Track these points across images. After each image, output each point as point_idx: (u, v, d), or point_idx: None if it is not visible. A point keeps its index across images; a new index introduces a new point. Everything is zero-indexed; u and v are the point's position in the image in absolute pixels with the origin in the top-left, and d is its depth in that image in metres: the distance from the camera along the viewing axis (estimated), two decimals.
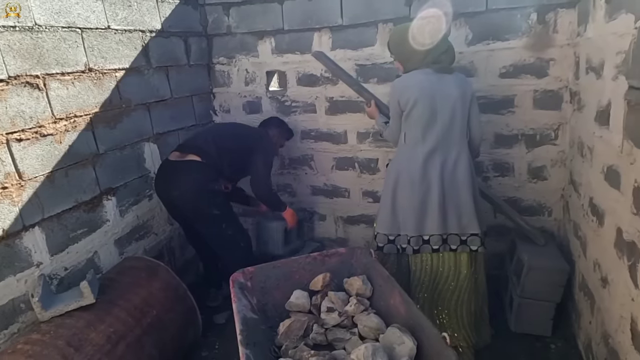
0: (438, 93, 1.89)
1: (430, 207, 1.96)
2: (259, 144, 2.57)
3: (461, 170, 1.94)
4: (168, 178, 2.36)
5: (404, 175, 1.98)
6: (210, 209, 2.37)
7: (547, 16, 2.32)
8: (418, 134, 1.93)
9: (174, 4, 2.73)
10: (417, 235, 1.99)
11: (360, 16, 2.66)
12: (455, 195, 1.95)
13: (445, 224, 1.97)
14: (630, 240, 1.41)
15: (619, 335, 1.51)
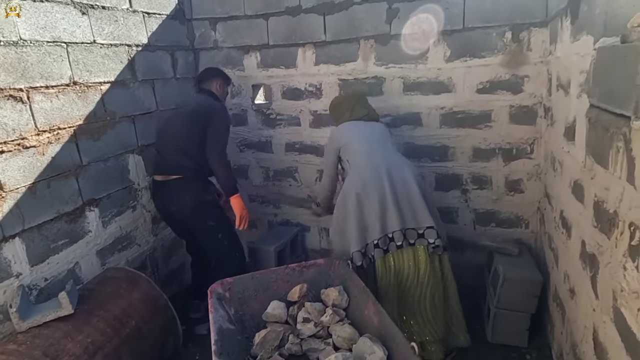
0: (367, 128, 2.33)
1: (388, 206, 2.09)
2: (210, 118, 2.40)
3: (406, 173, 2.14)
4: (164, 195, 2.46)
5: (358, 192, 2.12)
6: (206, 220, 2.45)
7: (521, 35, 2.40)
8: (361, 156, 2.20)
9: (161, 18, 2.79)
10: (383, 235, 2.09)
11: (343, 32, 2.73)
12: (406, 192, 2.11)
13: (403, 219, 2.09)
14: (591, 252, 1.46)
15: (584, 345, 1.55)
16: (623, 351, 1.13)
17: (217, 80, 2.65)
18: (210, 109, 2.46)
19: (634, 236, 1.07)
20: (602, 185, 1.35)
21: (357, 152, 2.22)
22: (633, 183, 1.08)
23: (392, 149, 2.28)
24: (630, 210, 1.10)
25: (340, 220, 2.22)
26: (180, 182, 2.39)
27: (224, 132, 2.45)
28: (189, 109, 2.48)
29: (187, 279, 3.10)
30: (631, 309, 1.08)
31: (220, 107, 2.53)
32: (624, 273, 1.13)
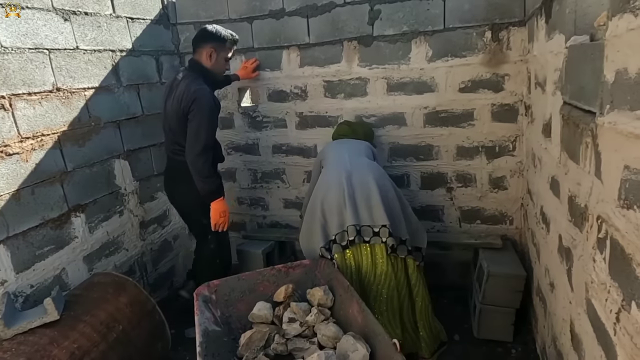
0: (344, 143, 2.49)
1: (345, 203, 2.14)
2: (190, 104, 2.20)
3: (368, 176, 2.19)
4: (169, 184, 2.55)
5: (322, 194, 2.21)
6: (200, 218, 2.43)
7: (501, 34, 2.44)
8: (331, 164, 2.32)
9: (145, 23, 2.80)
10: (340, 231, 2.12)
11: (327, 34, 2.76)
12: (364, 192, 2.15)
13: (358, 216, 2.11)
14: (567, 246, 1.49)
15: (562, 337, 1.58)
16: (595, 341, 1.16)
17: (207, 46, 2.30)
18: (191, 101, 2.19)
19: (601, 229, 1.10)
20: (575, 180, 1.38)
21: (329, 162, 2.36)
22: (600, 177, 1.11)
23: (363, 159, 2.33)
24: (598, 203, 1.13)
25: (309, 220, 2.27)
26: (183, 176, 2.34)
27: (204, 128, 2.22)
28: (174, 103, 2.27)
29: (176, 283, 3.11)
30: (600, 300, 1.11)
31: (201, 98, 2.20)
32: (594, 265, 1.16)
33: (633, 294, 0.89)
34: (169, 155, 2.51)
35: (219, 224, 2.38)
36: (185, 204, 2.49)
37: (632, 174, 0.89)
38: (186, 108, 2.21)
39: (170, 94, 2.34)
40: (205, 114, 2.21)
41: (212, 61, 2.34)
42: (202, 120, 2.20)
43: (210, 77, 2.38)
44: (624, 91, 0.93)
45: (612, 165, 1.02)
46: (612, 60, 1.00)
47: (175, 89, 2.31)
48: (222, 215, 2.37)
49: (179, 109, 2.24)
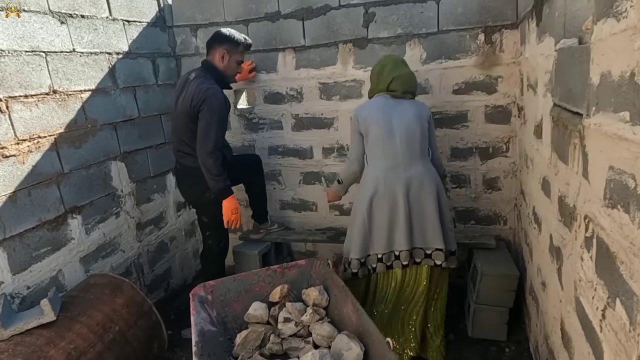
0: (394, 114, 2.06)
1: (398, 222, 2.05)
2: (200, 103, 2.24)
3: (427, 186, 2.05)
4: (178, 183, 2.71)
5: (370, 196, 2.07)
6: (201, 216, 2.59)
7: (494, 37, 2.47)
8: (377, 151, 2.07)
9: (142, 26, 2.81)
10: (388, 251, 2.08)
11: (322, 37, 2.78)
12: (420, 211, 2.05)
13: (412, 239, 2.06)
14: (557, 246, 1.52)
15: (553, 336, 1.60)
16: (583, 338, 1.19)
17: (220, 48, 2.34)
18: (202, 101, 2.22)
19: (588, 228, 1.12)
20: (564, 180, 1.41)
21: (375, 142, 2.06)
22: (587, 178, 1.14)
23: (417, 150, 2.06)
24: (585, 203, 1.15)
25: (352, 218, 2.21)
26: (187, 176, 2.48)
27: (214, 127, 2.24)
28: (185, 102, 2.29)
29: (173, 284, 3.12)
30: (587, 298, 1.13)
31: (212, 97, 2.23)
32: (581, 264, 1.18)
33: (617, 291, 0.91)
34: (175, 156, 2.54)
35: (231, 221, 2.42)
36: (189, 198, 2.68)
37: (616, 174, 0.92)
38: (197, 107, 2.24)
39: (182, 93, 2.37)
40: (215, 113, 2.24)
41: (224, 63, 2.38)
42: (212, 119, 2.23)
43: (221, 78, 2.41)
44: (608, 93, 0.95)
45: (598, 165, 1.04)
46: (598, 63, 1.02)
47: (186, 88, 2.34)
48: (233, 212, 2.41)
49: (189, 108, 2.27)
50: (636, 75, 0.79)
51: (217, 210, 2.47)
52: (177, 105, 2.41)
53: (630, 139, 0.83)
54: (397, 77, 2.08)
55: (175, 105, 2.42)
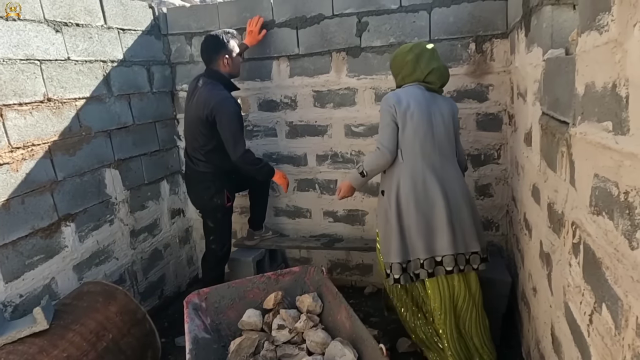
0: (432, 107, 1.96)
1: (438, 225, 1.93)
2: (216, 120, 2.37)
3: (459, 186, 1.99)
4: (187, 187, 2.78)
5: (405, 196, 1.95)
6: (206, 220, 2.68)
7: (484, 46, 2.51)
8: (416, 147, 1.93)
9: (137, 34, 2.83)
10: (429, 257, 1.95)
11: (316, 45, 2.81)
12: (458, 212, 1.95)
13: (456, 243, 1.95)
14: (547, 252, 1.54)
15: (544, 341, 1.62)
16: (572, 343, 1.21)
17: (219, 56, 2.45)
18: (216, 110, 2.34)
19: (575, 234, 1.15)
20: (553, 187, 1.43)
21: (414, 137, 1.92)
22: (574, 185, 1.17)
23: (451, 149, 2.01)
24: (572, 210, 1.18)
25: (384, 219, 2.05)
26: (197, 180, 2.58)
27: (237, 132, 2.41)
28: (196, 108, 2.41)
29: (167, 291, 3.11)
30: (575, 303, 1.15)
31: (223, 103, 2.36)
32: (570, 269, 1.21)
33: (603, 296, 0.94)
34: (186, 160, 2.66)
35: (285, 184, 2.71)
36: (197, 206, 2.78)
37: (601, 182, 0.94)
38: (210, 116, 2.37)
39: (191, 99, 2.51)
40: (233, 119, 2.40)
41: (230, 66, 2.49)
42: (231, 126, 2.39)
43: (228, 82, 2.52)
44: (592, 104, 0.98)
45: (584, 173, 1.07)
46: (582, 74, 1.06)
47: (196, 94, 2.47)
48: (284, 177, 2.70)
49: (200, 115, 2.40)
50: (617, 86, 0.82)
51: (222, 216, 2.63)
52: (187, 111, 2.57)
53: (613, 148, 0.85)
54: (436, 69, 1.98)
55: (186, 111, 2.58)
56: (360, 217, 3.05)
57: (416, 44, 2.03)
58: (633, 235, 0.77)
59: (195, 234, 3.45)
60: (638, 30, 0.72)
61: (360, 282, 3.19)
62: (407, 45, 2.05)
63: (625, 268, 0.80)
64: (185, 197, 3.34)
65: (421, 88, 1.99)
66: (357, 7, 2.66)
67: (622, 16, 0.79)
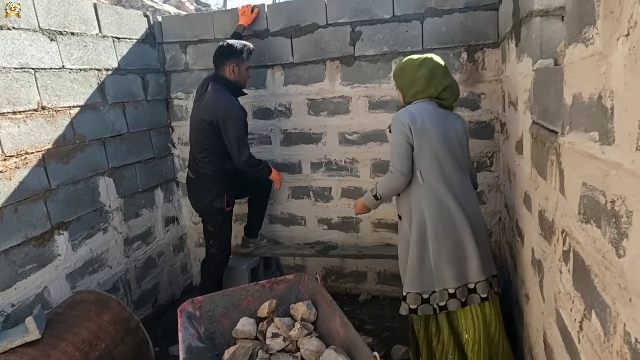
0: (447, 126, 1.85)
1: (468, 250, 1.81)
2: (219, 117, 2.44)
3: (477, 205, 1.92)
4: (189, 190, 2.77)
5: (431, 222, 1.81)
6: (207, 224, 2.71)
7: (476, 55, 2.55)
8: (436, 169, 1.81)
9: (132, 43, 2.84)
10: (462, 285, 1.81)
11: (310, 54, 2.84)
12: (480, 233, 1.86)
13: (484, 268, 1.83)
14: (539, 259, 1.56)
15: (537, 348, 1.63)
16: (564, 350, 1.22)
17: (228, 64, 2.51)
18: (222, 117, 2.43)
19: (566, 242, 1.16)
20: (544, 195, 1.45)
21: (433, 157, 1.80)
22: (564, 193, 1.18)
23: (466, 168, 1.92)
24: (563, 218, 1.20)
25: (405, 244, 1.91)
26: (198, 183, 2.63)
27: (241, 138, 2.52)
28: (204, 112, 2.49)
29: (161, 300, 3.09)
30: (566, 310, 1.16)
31: (229, 110, 2.45)
32: (560, 277, 1.22)
33: (593, 303, 0.95)
34: (189, 162, 2.70)
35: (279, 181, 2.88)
36: (198, 210, 2.78)
37: (589, 191, 0.96)
38: (215, 122, 2.45)
39: (199, 102, 2.57)
40: (239, 126, 2.50)
41: (236, 75, 2.55)
42: (237, 131, 2.49)
43: (235, 88, 2.58)
44: (580, 114, 1.00)
45: (573, 182, 1.09)
46: (570, 85, 1.08)
47: (204, 98, 2.53)
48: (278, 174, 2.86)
49: (206, 119, 2.48)
50: (603, 98, 0.84)
51: (222, 220, 2.66)
52: (194, 113, 2.62)
53: (600, 158, 0.87)
54: (450, 87, 1.88)
55: (193, 113, 2.63)
56: (355, 224, 3.06)
57: (427, 59, 1.89)
58: (620, 244, 0.78)
59: (189, 242, 3.45)
60: (622, 44, 0.74)
61: (355, 289, 3.20)
62: (415, 58, 1.91)
63: (612, 276, 0.82)
64: (180, 204, 3.34)
65: (433, 104, 1.86)
66: (350, 17, 2.70)
67: (607, 30, 0.81)
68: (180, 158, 3.29)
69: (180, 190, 3.34)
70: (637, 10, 0.67)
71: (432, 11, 2.55)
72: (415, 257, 1.83)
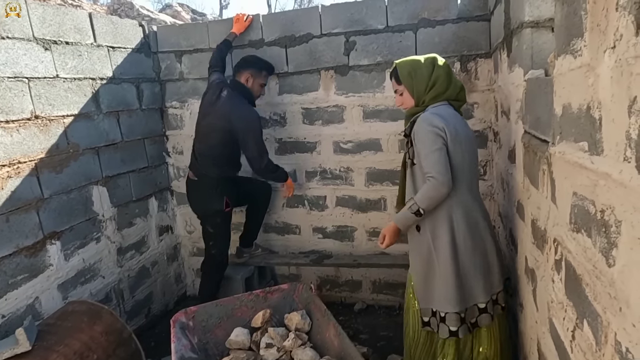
0: (468, 130, 1.79)
1: (491, 260, 1.76)
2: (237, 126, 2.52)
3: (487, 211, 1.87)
4: (188, 192, 2.80)
5: (463, 234, 1.71)
6: (206, 225, 2.75)
7: (469, 65, 2.58)
8: (465, 177, 1.73)
9: (126, 52, 2.85)
10: (489, 298, 1.74)
11: (304, 64, 2.86)
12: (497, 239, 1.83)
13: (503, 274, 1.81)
14: (531, 267, 1.56)
15: (531, 357, 1.63)
16: (557, 359, 1.22)
17: (245, 73, 2.62)
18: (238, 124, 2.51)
19: (557, 251, 1.17)
20: (536, 204, 1.46)
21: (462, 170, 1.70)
22: (555, 202, 1.19)
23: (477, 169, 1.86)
24: (554, 227, 1.20)
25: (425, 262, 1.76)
26: (200, 185, 2.66)
27: (262, 143, 2.61)
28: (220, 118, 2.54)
29: (154, 310, 3.06)
30: (559, 319, 1.17)
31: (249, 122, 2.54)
32: (553, 285, 1.22)
33: (584, 312, 0.95)
34: (192, 162, 2.73)
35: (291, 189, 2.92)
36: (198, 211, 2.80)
37: (579, 200, 0.97)
38: (233, 130, 2.53)
39: (213, 106, 2.59)
40: (259, 136, 2.60)
41: (249, 85, 2.63)
42: (257, 140, 2.57)
43: (250, 95, 2.65)
44: (569, 124, 1.01)
45: (564, 191, 1.10)
46: (560, 96, 1.09)
47: (218, 103, 2.58)
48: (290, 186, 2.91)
49: (222, 125, 2.54)
50: (591, 109, 0.85)
51: (222, 221, 2.72)
52: (205, 116, 2.63)
53: (589, 168, 0.88)
54: (463, 87, 1.83)
55: (204, 117, 2.64)
56: (350, 233, 3.06)
57: (435, 58, 1.78)
58: (609, 253, 0.79)
59: (183, 251, 3.43)
60: (608, 57, 0.75)
61: (350, 298, 3.18)
62: (421, 59, 1.77)
63: (603, 285, 0.82)
64: (174, 213, 3.33)
65: (451, 107, 1.77)
66: (344, 27, 2.72)
67: (594, 42, 0.82)
68: (174, 167, 3.28)
69: (174, 199, 3.32)
70: (622, 23, 0.69)
71: (425, 21, 2.58)
72: (451, 272, 1.69)
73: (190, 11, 9.42)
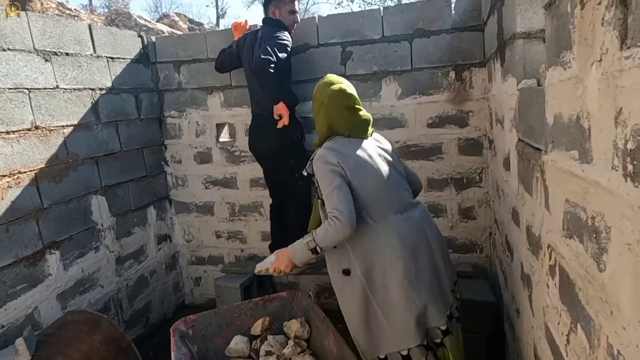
0: (369, 153, 1.67)
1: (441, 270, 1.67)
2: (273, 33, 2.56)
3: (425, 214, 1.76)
4: (257, 134, 2.78)
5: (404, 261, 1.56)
6: (288, 158, 2.70)
7: (464, 74, 2.62)
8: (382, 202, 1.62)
9: (125, 62, 2.88)
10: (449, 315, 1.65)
11: (302, 73, 2.89)
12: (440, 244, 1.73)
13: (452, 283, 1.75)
14: (527, 273, 1.59)
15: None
16: None
17: (271, 7, 2.69)
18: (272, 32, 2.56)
19: (551, 257, 1.19)
20: (530, 211, 1.49)
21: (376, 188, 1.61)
22: (549, 209, 1.22)
23: (404, 180, 1.75)
24: (548, 233, 1.23)
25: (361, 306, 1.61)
26: (267, 129, 2.64)
27: (281, 48, 2.50)
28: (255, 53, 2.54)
29: (152, 319, 3.06)
30: (554, 323, 1.19)
31: (279, 27, 2.59)
32: (548, 291, 1.25)
33: (578, 316, 0.98)
34: (254, 112, 2.78)
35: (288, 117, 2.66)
36: (274, 143, 2.70)
37: (571, 207, 1.00)
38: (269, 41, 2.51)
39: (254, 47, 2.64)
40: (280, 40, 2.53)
41: (277, 16, 2.67)
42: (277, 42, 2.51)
43: (283, 24, 2.65)
44: (561, 133, 1.05)
45: (557, 198, 1.12)
46: (551, 105, 1.13)
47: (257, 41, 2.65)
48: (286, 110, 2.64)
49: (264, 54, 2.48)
50: (581, 119, 0.88)
51: (301, 151, 2.72)
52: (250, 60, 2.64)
53: (580, 176, 0.91)
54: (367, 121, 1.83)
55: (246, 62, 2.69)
56: None
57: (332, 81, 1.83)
58: (600, 258, 0.81)
59: (182, 260, 3.43)
60: (595, 69, 0.79)
61: None
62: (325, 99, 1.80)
63: (595, 289, 0.85)
64: (172, 222, 3.34)
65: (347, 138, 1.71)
66: (341, 37, 2.77)
67: (582, 55, 0.86)
68: (172, 176, 3.30)
69: (172, 208, 3.34)
70: (607, 38, 0.72)
71: (420, 32, 2.63)
72: (402, 307, 1.54)
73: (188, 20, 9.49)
